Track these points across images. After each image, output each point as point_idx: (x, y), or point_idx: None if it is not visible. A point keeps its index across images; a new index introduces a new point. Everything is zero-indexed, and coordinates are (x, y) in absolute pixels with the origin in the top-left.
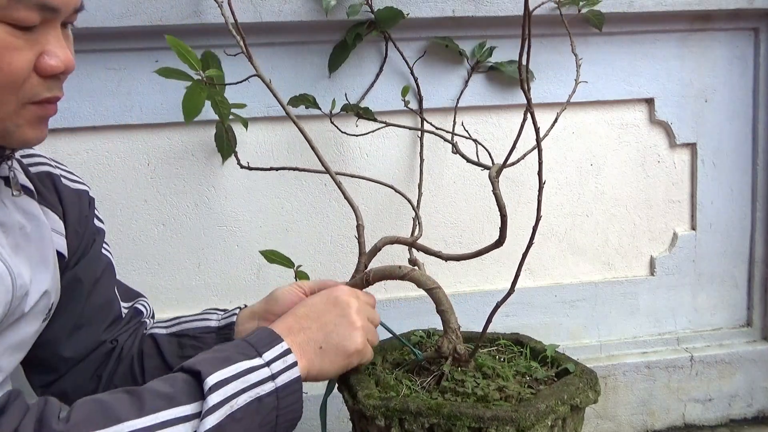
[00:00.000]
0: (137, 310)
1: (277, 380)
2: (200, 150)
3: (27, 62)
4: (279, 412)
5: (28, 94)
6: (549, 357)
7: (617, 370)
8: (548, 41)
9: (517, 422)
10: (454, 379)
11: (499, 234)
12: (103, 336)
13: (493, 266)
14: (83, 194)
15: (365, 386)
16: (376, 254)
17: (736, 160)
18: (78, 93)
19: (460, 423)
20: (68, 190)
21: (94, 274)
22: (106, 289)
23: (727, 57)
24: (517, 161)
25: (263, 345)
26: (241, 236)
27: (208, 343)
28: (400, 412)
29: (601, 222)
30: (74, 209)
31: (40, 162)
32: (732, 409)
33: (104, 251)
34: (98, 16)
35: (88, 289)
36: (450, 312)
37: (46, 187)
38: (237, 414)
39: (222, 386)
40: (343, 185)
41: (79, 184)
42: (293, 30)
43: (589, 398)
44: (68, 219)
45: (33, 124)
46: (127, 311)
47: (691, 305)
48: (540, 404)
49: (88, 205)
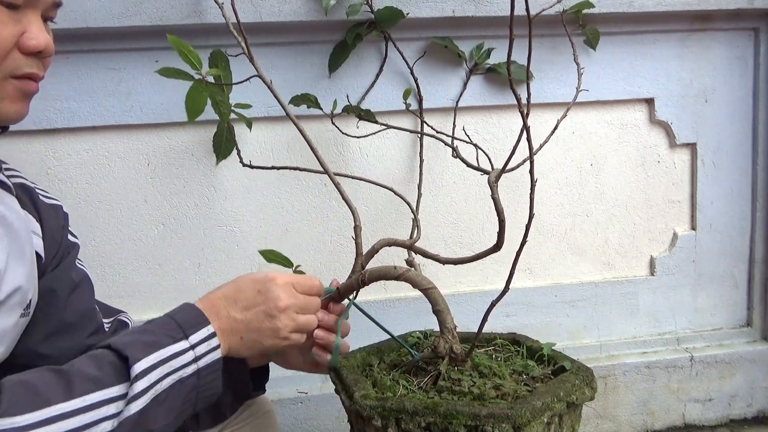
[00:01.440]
0: (121, 322)
1: (200, 362)
2: (200, 150)
3: (11, 36)
4: (199, 390)
5: (10, 66)
6: (545, 355)
7: (617, 370)
8: (548, 41)
9: (513, 419)
10: (450, 378)
11: (497, 239)
12: (87, 341)
13: (492, 266)
14: (58, 208)
15: (362, 387)
16: (373, 256)
17: (736, 160)
18: (78, 93)
19: (457, 421)
20: (44, 204)
21: (70, 283)
22: (86, 300)
23: (727, 57)
24: (517, 167)
25: (190, 326)
26: (241, 236)
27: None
28: (397, 411)
29: (601, 222)
30: (51, 220)
31: (16, 175)
32: (732, 409)
33: (79, 265)
34: (98, 16)
35: (65, 298)
36: (446, 312)
37: (23, 196)
38: (161, 396)
39: (148, 373)
40: (341, 186)
41: (53, 200)
42: (293, 30)
43: (585, 395)
44: (45, 227)
45: (14, 99)
46: (111, 324)
47: (691, 305)
48: (536, 401)
49: (63, 218)
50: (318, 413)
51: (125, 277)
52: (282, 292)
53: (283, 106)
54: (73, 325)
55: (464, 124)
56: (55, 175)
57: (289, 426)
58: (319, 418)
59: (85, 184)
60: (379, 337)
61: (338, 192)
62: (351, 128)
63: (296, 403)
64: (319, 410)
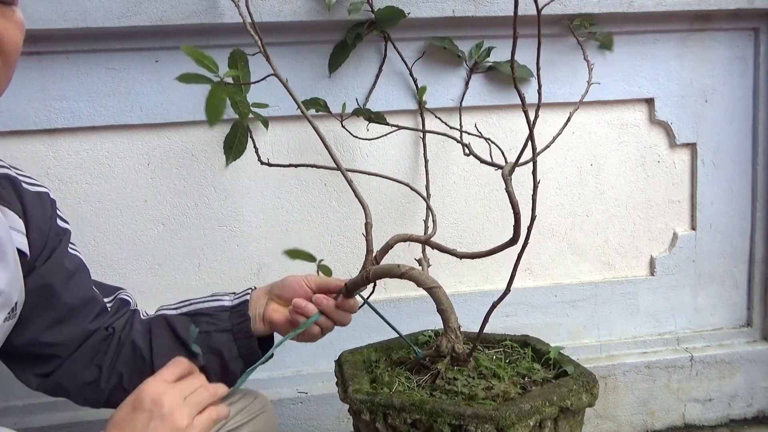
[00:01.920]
0: (123, 300)
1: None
2: (200, 150)
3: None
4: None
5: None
6: (552, 359)
7: (617, 370)
8: (550, 41)
9: (496, 420)
10: (447, 377)
11: (513, 232)
12: (91, 326)
13: (492, 266)
14: (44, 195)
15: (357, 382)
16: (387, 251)
17: (736, 160)
18: (78, 93)
19: (441, 419)
20: (29, 193)
21: (65, 273)
22: (83, 286)
23: (727, 57)
24: (530, 160)
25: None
26: (241, 236)
27: (223, 320)
28: (385, 407)
29: (601, 222)
30: (36, 209)
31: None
32: (732, 409)
33: (72, 251)
34: (98, 16)
35: (61, 287)
36: (450, 311)
37: (3, 188)
38: None
39: None
40: (354, 183)
41: (38, 187)
42: (293, 30)
43: (582, 401)
44: (30, 218)
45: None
46: (112, 303)
47: (691, 305)
48: (524, 404)
49: (50, 205)
50: (318, 413)
51: (125, 277)
52: (154, 389)
53: (299, 105)
54: (74, 313)
55: (464, 125)
56: (55, 175)
57: (289, 426)
58: (319, 418)
59: (85, 184)
60: (390, 335)
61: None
62: (355, 129)
63: (296, 403)
64: (319, 410)
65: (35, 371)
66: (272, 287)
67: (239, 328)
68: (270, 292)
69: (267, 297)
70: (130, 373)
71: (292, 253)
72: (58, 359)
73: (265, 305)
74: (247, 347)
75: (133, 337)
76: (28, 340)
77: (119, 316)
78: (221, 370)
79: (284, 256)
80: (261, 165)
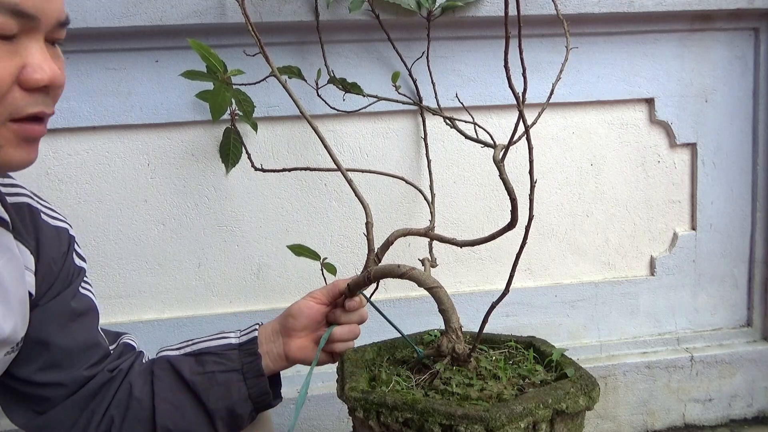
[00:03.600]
0: (127, 345)
1: None
2: (200, 150)
3: (7, 73)
4: None
5: (9, 109)
6: (554, 361)
7: (617, 370)
8: (548, 41)
9: (486, 422)
10: (444, 377)
11: (511, 216)
12: (86, 372)
13: (492, 266)
14: (63, 232)
15: (354, 379)
16: (388, 248)
17: (736, 160)
18: (78, 93)
19: (432, 419)
20: (48, 227)
21: (68, 315)
22: (87, 330)
23: (727, 57)
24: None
25: None
26: (241, 236)
27: (231, 359)
28: (378, 405)
29: (601, 222)
30: (52, 246)
31: (20, 193)
32: (732, 409)
33: (84, 290)
34: (98, 16)
35: (58, 330)
36: (451, 311)
37: (22, 219)
38: None
39: None
40: (354, 183)
41: (59, 221)
42: (293, 30)
43: (580, 404)
44: (42, 255)
45: (16, 145)
46: (115, 348)
47: (691, 305)
48: (516, 406)
49: (68, 243)
50: (318, 413)
51: (125, 277)
52: None
53: (299, 105)
54: (69, 358)
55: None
56: (55, 175)
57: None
58: (319, 418)
59: (85, 184)
60: (390, 335)
61: (339, 192)
62: (338, 103)
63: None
64: (319, 410)
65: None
66: (283, 323)
67: (249, 367)
68: (283, 328)
69: (281, 334)
70: (122, 418)
71: (296, 250)
72: (48, 402)
73: (283, 345)
74: (257, 387)
75: (131, 380)
76: (20, 377)
77: (122, 361)
78: (227, 414)
79: (284, 257)
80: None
